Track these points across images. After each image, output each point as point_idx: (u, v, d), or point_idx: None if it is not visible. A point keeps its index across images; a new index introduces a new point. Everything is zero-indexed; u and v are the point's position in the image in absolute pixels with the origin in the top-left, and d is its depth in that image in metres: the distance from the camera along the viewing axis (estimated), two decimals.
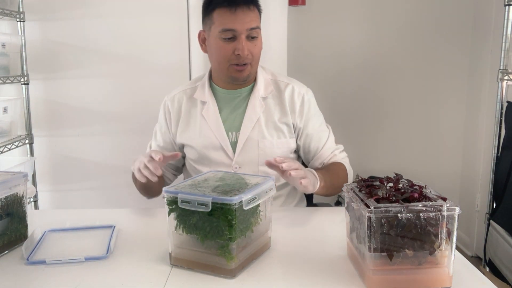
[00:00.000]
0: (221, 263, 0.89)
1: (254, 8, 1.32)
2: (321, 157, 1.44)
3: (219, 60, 1.33)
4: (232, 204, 0.85)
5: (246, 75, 1.35)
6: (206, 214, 0.88)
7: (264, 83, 1.42)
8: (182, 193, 0.90)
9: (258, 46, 1.34)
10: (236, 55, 1.30)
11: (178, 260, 0.94)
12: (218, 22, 1.29)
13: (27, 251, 0.99)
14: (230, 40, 1.29)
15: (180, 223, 0.92)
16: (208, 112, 1.40)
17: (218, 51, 1.32)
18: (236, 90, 1.41)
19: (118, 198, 2.26)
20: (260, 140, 1.39)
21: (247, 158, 1.39)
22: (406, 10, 2.78)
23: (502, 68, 2.00)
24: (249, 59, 1.32)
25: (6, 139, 2.10)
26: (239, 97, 1.41)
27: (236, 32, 1.28)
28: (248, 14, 1.29)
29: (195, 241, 0.91)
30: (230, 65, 1.32)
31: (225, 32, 1.28)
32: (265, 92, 1.41)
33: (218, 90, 1.43)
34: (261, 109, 1.39)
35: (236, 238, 0.88)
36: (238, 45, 1.29)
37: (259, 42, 1.34)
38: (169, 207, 0.92)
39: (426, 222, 0.81)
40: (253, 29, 1.30)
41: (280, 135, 1.41)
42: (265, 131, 1.39)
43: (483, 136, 2.64)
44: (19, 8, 2.17)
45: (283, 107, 1.41)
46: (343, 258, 0.98)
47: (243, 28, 1.28)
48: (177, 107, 1.45)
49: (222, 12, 1.29)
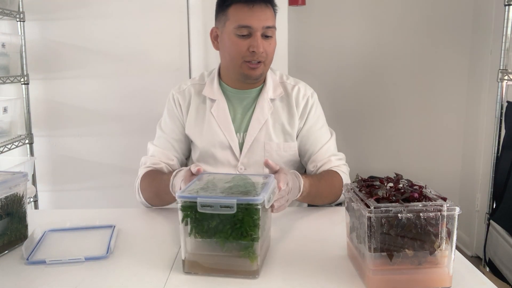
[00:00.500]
0: (243, 265, 0.88)
1: (271, 7, 1.31)
2: (315, 159, 1.39)
3: (232, 56, 1.30)
4: (257, 204, 0.85)
5: (259, 74, 1.33)
6: (228, 217, 0.86)
7: (273, 84, 1.41)
8: (202, 197, 0.86)
9: (272, 45, 1.32)
10: (250, 52, 1.27)
11: (193, 267, 0.90)
12: (233, 18, 1.28)
13: (27, 251, 0.99)
14: (245, 37, 1.27)
15: (197, 228, 0.89)
16: (217, 110, 1.38)
17: (232, 47, 1.29)
18: (246, 90, 1.39)
19: (118, 198, 2.26)
20: (266, 143, 1.37)
21: (253, 160, 1.37)
22: (406, 10, 2.78)
23: (502, 68, 2.00)
24: (263, 57, 1.30)
25: (6, 139, 2.10)
26: (248, 97, 1.39)
27: (252, 29, 1.26)
28: (265, 12, 1.28)
29: (213, 245, 0.89)
30: (244, 62, 1.30)
31: (240, 28, 1.27)
32: (274, 94, 1.39)
33: (227, 89, 1.40)
34: (270, 111, 1.38)
35: (259, 237, 0.87)
36: (253, 42, 1.27)
37: (273, 41, 1.32)
38: (184, 213, 0.88)
39: (426, 222, 0.81)
40: (269, 27, 1.28)
41: (287, 138, 1.39)
42: (272, 134, 1.37)
43: (483, 136, 2.64)
44: (19, 8, 2.17)
45: (290, 110, 1.39)
46: (343, 258, 0.98)
47: (259, 25, 1.26)
48: (188, 101, 1.41)
49: (239, 8, 1.27)
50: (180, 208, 0.88)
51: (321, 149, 1.40)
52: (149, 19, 2.24)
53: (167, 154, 1.39)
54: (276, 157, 1.37)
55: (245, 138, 1.38)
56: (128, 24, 2.25)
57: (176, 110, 1.41)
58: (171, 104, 1.42)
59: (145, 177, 1.34)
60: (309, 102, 1.41)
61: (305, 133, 1.41)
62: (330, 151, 1.41)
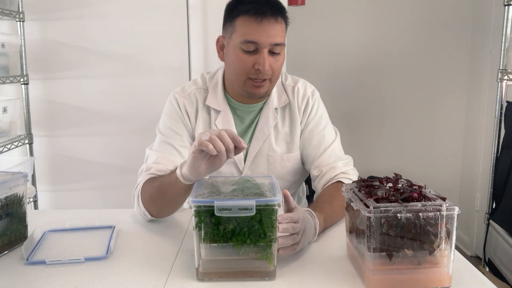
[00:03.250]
0: (261, 267, 0.87)
1: (282, 21, 1.19)
2: (319, 164, 1.29)
3: (236, 72, 1.21)
4: (275, 204, 0.85)
5: (264, 92, 1.23)
6: (245, 219, 0.85)
7: (277, 91, 1.33)
8: (219, 200, 0.84)
9: (279, 62, 1.21)
10: (255, 70, 1.18)
11: (208, 273, 0.88)
12: (240, 31, 1.17)
13: (26, 251, 0.99)
14: (251, 53, 1.18)
15: (213, 233, 0.86)
16: (222, 123, 1.29)
17: (236, 63, 1.20)
18: (251, 104, 1.31)
19: (118, 198, 2.26)
20: (270, 155, 1.31)
21: (256, 172, 1.32)
22: (406, 10, 2.78)
23: (501, 68, 2.00)
24: (269, 75, 1.20)
25: (6, 139, 2.10)
26: (254, 111, 1.32)
27: (258, 45, 1.16)
28: (275, 27, 1.17)
29: (229, 249, 0.87)
30: (248, 79, 1.20)
31: (247, 43, 1.16)
32: (278, 103, 1.32)
33: (231, 101, 1.31)
34: (274, 122, 1.31)
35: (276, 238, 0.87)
36: (259, 59, 1.17)
37: (281, 58, 1.22)
38: (198, 218, 0.85)
39: (425, 222, 0.81)
40: (277, 45, 1.18)
41: (290, 148, 1.33)
42: (274, 145, 1.31)
43: (482, 136, 2.65)
44: (18, 8, 2.17)
45: (293, 117, 1.32)
46: (342, 258, 0.98)
47: (267, 42, 1.16)
48: (195, 107, 1.31)
49: (246, 21, 1.16)
50: (194, 214, 0.85)
51: (324, 153, 1.31)
52: (149, 19, 2.24)
53: (173, 161, 1.24)
54: (280, 169, 1.32)
55: (248, 150, 1.31)
56: (128, 24, 2.25)
57: (182, 115, 1.30)
58: (174, 108, 1.31)
59: (148, 181, 1.19)
60: (310, 102, 1.33)
61: (307, 136, 1.33)
62: (335, 154, 1.31)
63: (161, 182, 1.13)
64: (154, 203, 1.17)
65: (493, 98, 2.09)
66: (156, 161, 1.24)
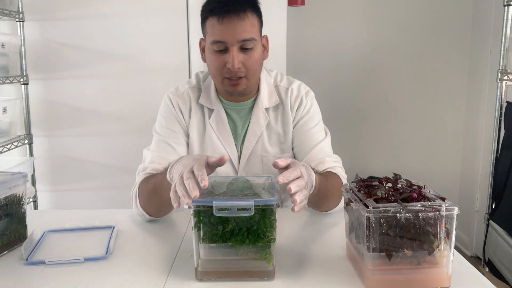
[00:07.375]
0: (260, 267, 0.88)
1: (250, 16, 1.17)
2: (308, 160, 1.27)
3: (213, 72, 1.24)
4: (273, 205, 0.85)
5: (242, 89, 1.23)
6: (244, 219, 0.86)
7: (268, 92, 1.33)
8: (218, 200, 0.84)
9: (253, 58, 1.20)
10: (227, 68, 1.18)
11: (207, 273, 0.88)
12: (209, 32, 1.19)
13: (26, 252, 0.99)
14: (222, 52, 1.18)
15: (211, 233, 0.87)
16: (216, 121, 1.31)
17: (211, 63, 1.22)
18: (239, 102, 1.32)
19: (118, 198, 2.27)
20: (263, 155, 1.32)
21: (251, 173, 1.32)
22: (406, 10, 2.78)
23: (501, 68, 2.00)
24: (243, 72, 1.20)
25: (6, 139, 2.10)
26: (244, 109, 1.33)
27: (226, 43, 1.16)
28: (239, 24, 1.15)
29: (228, 249, 0.88)
30: (224, 78, 1.21)
31: (215, 44, 1.17)
32: (269, 103, 1.32)
33: (222, 100, 1.33)
34: (265, 122, 1.32)
35: (275, 238, 0.87)
36: (228, 57, 1.17)
37: (255, 53, 1.20)
38: (197, 218, 0.85)
39: (425, 222, 0.81)
40: (246, 40, 1.16)
41: (284, 148, 1.33)
42: (268, 146, 1.32)
43: (482, 136, 2.65)
44: (18, 8, 2.17)
45: (285, 117, 1.33)
46: (342, 258, 0.98)
47: (233, 39, 1.16)
48: (189, 106, 1.33)
49: (212, 22, 1.17)
50: (193, 214, 0.85)
51: (313, 150, 1.30)
52: (148, 20, 2.25)
53: (169, 159, 1.23)
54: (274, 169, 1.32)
55: (241, 151, 1.33)
56: (128, 24, 2.25)
57: (177, 113, 1.32)
58: (169, 107, 1.33)
59: (143, 181, 1.21)
60: (303, 101, 1.33)
61: (297, 133, 1.34)
62: (324, 152, 1.31)
63: (155, 183, 1.14)
64: (151, 204, 1.18)
65: (493, 98, 2.10)
66: (151, 161, 1.26)
